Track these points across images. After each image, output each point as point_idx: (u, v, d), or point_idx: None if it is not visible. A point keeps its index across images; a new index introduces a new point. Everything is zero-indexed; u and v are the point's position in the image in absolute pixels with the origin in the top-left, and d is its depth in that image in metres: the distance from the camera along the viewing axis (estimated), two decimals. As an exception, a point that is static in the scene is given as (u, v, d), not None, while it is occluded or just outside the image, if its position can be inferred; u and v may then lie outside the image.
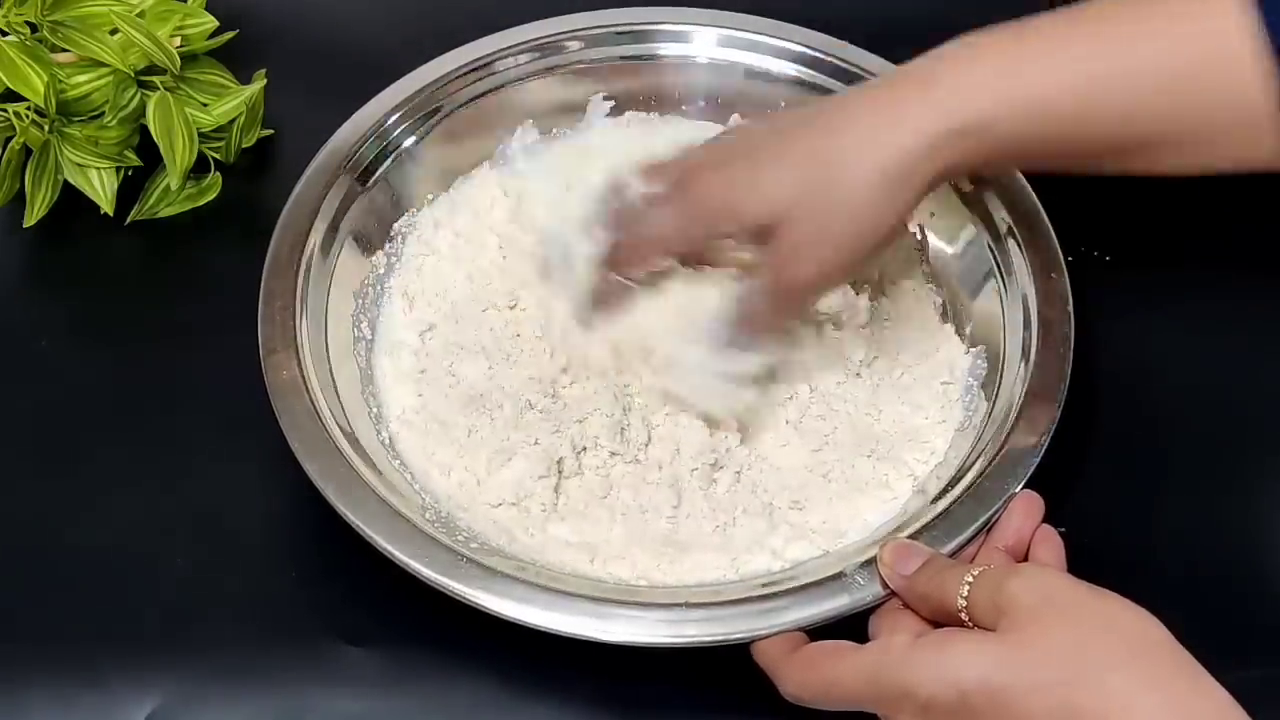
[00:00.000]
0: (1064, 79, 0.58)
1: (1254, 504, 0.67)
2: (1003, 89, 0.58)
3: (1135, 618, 0.51)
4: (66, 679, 0.61)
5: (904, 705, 0.52)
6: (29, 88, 0.71)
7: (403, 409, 0.67)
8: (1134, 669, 0.49)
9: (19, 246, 0.75)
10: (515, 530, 0.63)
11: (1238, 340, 0.72)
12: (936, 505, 0.61)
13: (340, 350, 0.67)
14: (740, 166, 0.61)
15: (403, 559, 0.58)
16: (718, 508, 0.64)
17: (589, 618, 0.57)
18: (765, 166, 0.60)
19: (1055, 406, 0.63)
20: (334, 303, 0.69)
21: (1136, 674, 0.49)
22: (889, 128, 0.58)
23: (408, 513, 0.60)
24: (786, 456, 0.66)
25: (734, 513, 0.64)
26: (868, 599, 0.58)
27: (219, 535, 0.65)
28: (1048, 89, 0.58)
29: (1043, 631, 0.51)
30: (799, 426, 0.67)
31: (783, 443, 0.67)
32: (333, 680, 0.61)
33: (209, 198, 0.77)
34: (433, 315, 0.71)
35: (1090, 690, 0.49)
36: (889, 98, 0.60)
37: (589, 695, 0.60)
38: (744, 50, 0.77)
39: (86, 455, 0.68)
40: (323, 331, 0.67)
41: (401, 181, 0.74)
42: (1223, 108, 0.56)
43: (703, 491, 0.64)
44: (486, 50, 0.77)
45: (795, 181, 0.59)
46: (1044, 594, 0.52)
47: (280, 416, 0.63)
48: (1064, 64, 0.58)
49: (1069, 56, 0.58)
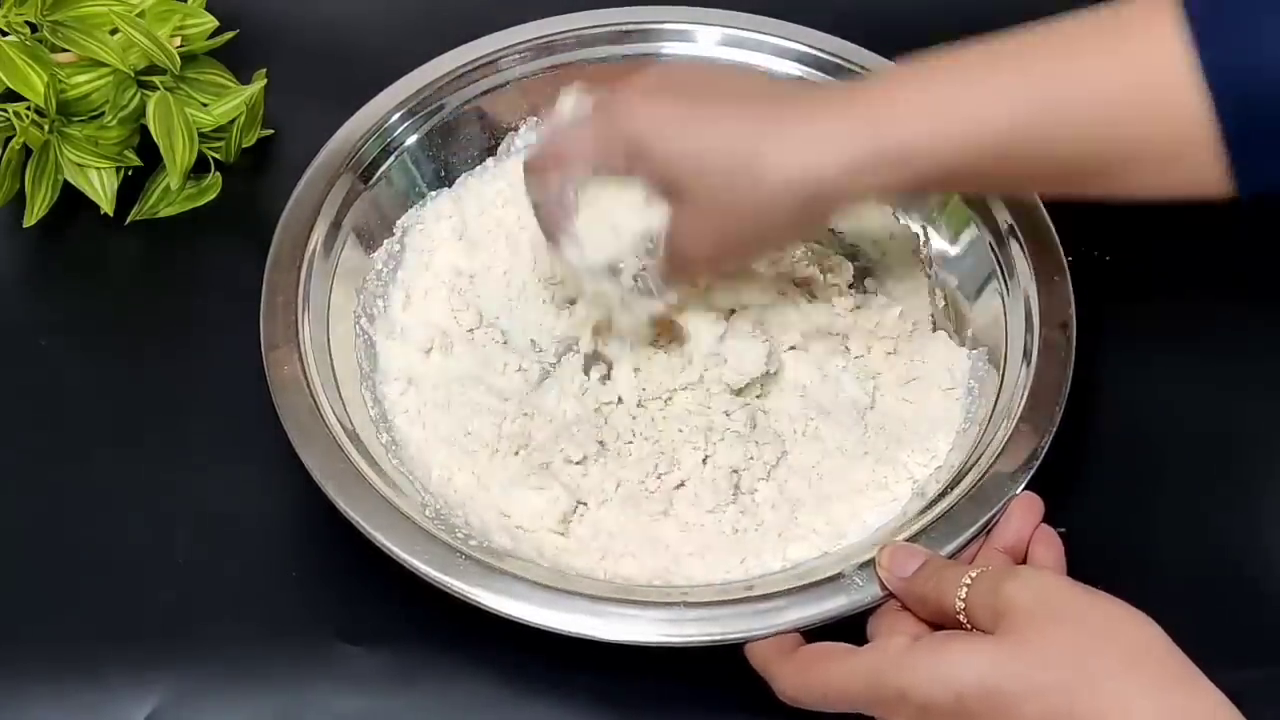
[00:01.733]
0: (995, 109, 0.56)
1: (1253, 504, 0.67)
2: (932, 117, 0.56)
3: (1133, 621, 0.51)
4: (66, 678, 0.61)
5: (900, 708, 0.52)
6: (29, 88, 0.71)
7: (405, 406, 0.67)
8: (1131, 673, 0.49)
9: (19, 246, 0.75)
10: (519, 535, 0.63)
11: (1238, 341, 0.72)
12: (936, 507, 0.61)
13: (342, 347, 0.67)
14: (671, 108, 0.60)
15: (401, 555, 0.58)
16: (719, 510, 0.64)
17: (587, 616, 0.57)
18: (691, 123, 0.59)
19: (1056, 409, 0.63)
20: (336, 299, 0.69)
21: (1133, 678, 0.49)
22: (815, 143, 0.57)
23: (407, 510, 0.60)
24: (787, 458, 0.66)
25: (733, 514, 0.64)
26: (866, 600, 0.58)
27: (219, 535, 0.65)
28: (977, 119, 0.56)
29: (1040, 634, 0.50)
30: (799, 429, 0.67)
31: (783, 445, 0.67)
32: (333, 680, 0.61)
33: (209, 198, 0.77)
34: (434, 313, 0.71)
35: (1087, 694, 0.49)
36: (824, 113, 0.58)
37: (589, 694, 0.60)
38: (746, 49, 0.77)
39: (86, 455, 0.68)
40: (325, 328, 0.67)
41: (404, 179, 0.74)
42: (1158, 139, 0.55)
43: (704, 494, 0.64)
44: (490, 49, 0.77)
45: (713, 156, 0.58)
46: (1041, 597, 0.52)
47: (281, 412, 0.63)
48: (995, 93, 0.56)
49: (1000, 85, 0.56)
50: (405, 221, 0.73)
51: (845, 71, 0.76)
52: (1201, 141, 0.54)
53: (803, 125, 0.58)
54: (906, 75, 0.59)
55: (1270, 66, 0.52)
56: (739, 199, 0.58)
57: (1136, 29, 0.54)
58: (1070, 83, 0.55)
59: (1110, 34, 0.55)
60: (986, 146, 0.56)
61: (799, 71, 0.76)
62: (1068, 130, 0.55)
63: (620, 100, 0.61)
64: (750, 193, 0.58)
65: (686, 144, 0.59)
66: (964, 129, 0.56)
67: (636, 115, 0.60)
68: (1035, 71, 0.56)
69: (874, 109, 0.57)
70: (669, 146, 0.59)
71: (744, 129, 0.58)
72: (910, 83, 0.58)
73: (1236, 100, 0.52)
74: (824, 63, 0.76)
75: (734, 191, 0.58)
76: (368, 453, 0.63)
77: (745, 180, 0.58)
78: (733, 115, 0.59)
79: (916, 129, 0.56)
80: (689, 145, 0.59)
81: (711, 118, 0.59)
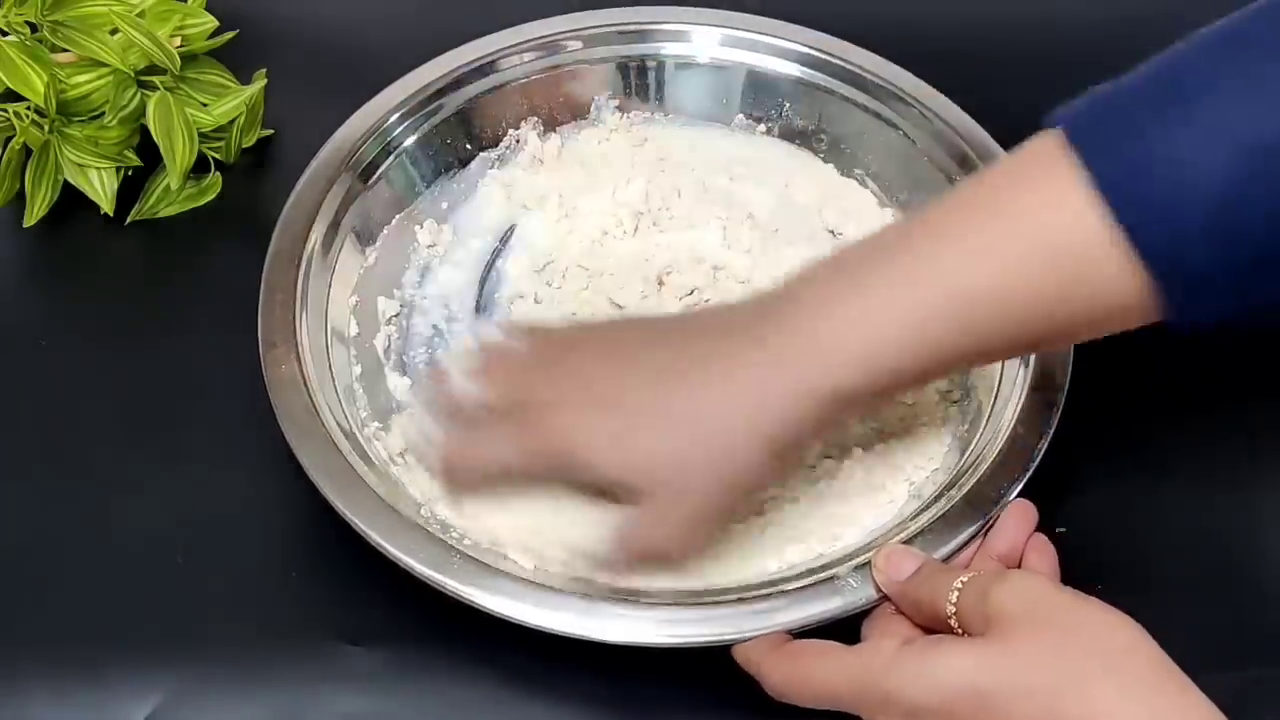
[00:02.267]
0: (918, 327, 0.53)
1: (1253, 505, 0.67)
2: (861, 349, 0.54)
3: (1122, 626, 0.51)
4: (66, 678, 0.61)
5: (888, 710, 0.52)
6: (29, 88, 0.71)
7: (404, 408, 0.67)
8: (1119, 679, 0.49)
9: (19, 246, 0.75)
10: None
11: (1239, 341, 0.72)
12: (932, 509, 0.61)
13: (340, 346, 0.67)
14: (600, 417, 0.57)
15: (395, 554, 0.58)
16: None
17: (579, 615, 0.57)
18: (626, 435, 0.56)
19: (1054, 412, 0.63)
20: (334, 299, 0.69)
21: (1121, 684, 0.49)
22: (776, 390, 0.54)
23: (403, 509, 0.60)
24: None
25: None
26: (860, 602, 0.58)
27: (219, 535, 0.65)
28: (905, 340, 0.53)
29: (1028, 639, 0.50)
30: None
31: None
32: (333, 680, 0.61)
33: (209, 198, 0.77)
34: (433, 314, 0.71)
35: (1074, 698, 0.48)
36: (770, 357, 0.55)
37: (588, 694, 0.60)
38: (746, 50, 0.77)
39: (86, 455, 0.68)
40: (323, 327, 0.67)
41: (403, 180, 0.74)
42: (1089, 299, 0.52)
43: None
44: (490, 49, 0.77)
45: (670, 449, 0.55)
46: (1029, 601, 0.51)
47: (277, 410, 0.63)
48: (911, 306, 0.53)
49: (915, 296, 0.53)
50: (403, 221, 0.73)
51: (846, 72, 0.76)
52: (1134, 296, 0.52)
53: (760, 368, 0.55)
54: (815, 301, 0.55)
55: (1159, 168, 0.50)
56: (711, 473, 0.56)
57: (1038, 197, 0.52)
58: (985, 280, 0.53)
59: (1012, 208, 0.53)
60: (923, 358, 0.54)
61: (798, 73, 0.76)
62: (996, 332, 0.53)
63: (541, 414, 0.57)
64: (723, 462, 0.55)
65: (626, 456, 0.56)
66: (897, 352, 0.54)
67: (566, 429, 0.57)
68: (945, 263, 0.53)
69: (799, 356, 0.55)
70: (609, 459, 0.56)
71: (696, 394, 0.56)
72: (824, 313, 0.55)
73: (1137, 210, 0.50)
74: (824, 63, 0.76)
75: (706, 467, 0.56)
76: (364, 451, 0.63)
77: (716, 447, 0.55)
78: (674, 390, 0.56)
79: (848, 370, 0.54)
80: (630, 457, 0.56)
81: (654, 406, 0.56)
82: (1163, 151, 0.50)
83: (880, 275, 0.54)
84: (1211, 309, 0.52)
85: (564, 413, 0.57)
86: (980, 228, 0.53)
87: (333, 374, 0.66)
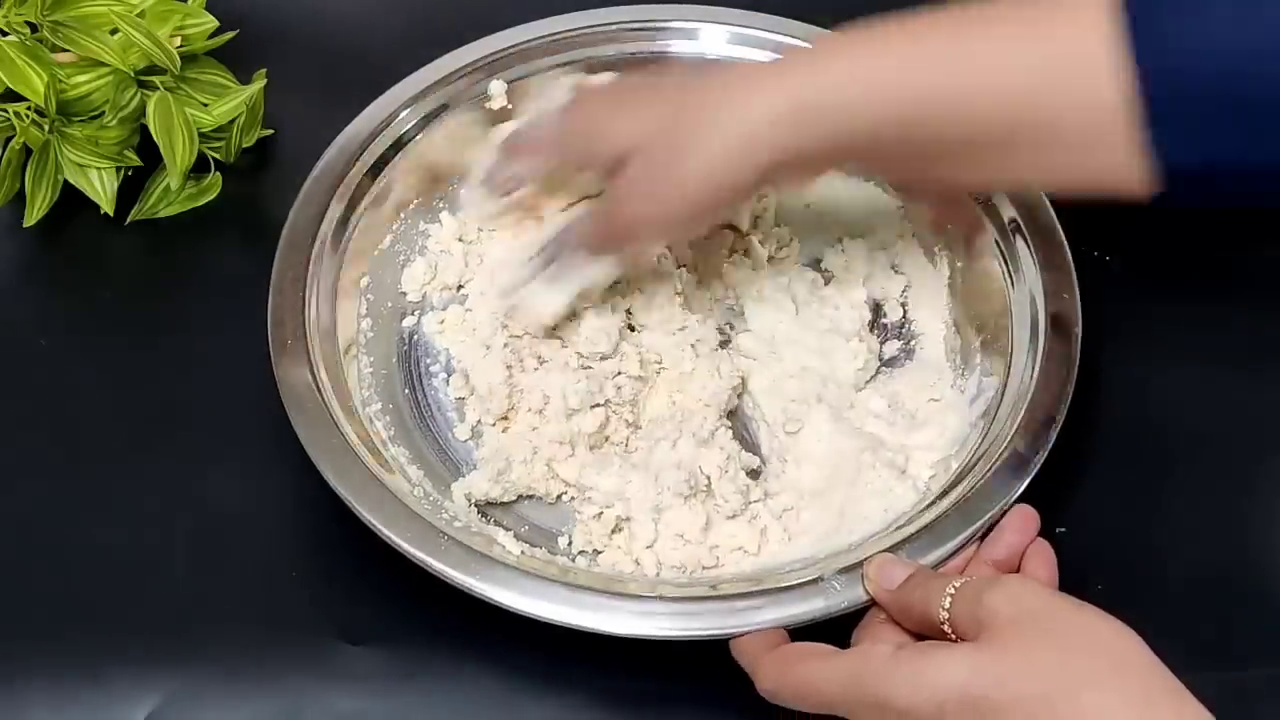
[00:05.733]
0: (912, 74, 0.57)
1: (1254, 506, 0.67)
2: (850, 80, 0.58)
3: (1115, 633, 0.51)
4: (66, 678, 0.61)
5: (881, 714, 0.52)
6: (29, 88, 0.71)
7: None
8: (1112, 685, 0.49)
9: (19, 246, 0.75)
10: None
11: (1240, 342, 0.72)
12: (931, 511, 0.61)
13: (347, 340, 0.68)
14: (615, 101, 0.65)
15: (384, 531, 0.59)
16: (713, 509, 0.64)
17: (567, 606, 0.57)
18: (631, 105, 0.64)
19: (1057, 417, 0.63)
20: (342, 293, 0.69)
21: (1114, 690, 0.49)
22: (744, 95, 0.59)
23: (403, 496, 0.60)
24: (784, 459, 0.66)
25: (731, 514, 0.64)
26: (843, 604, 0.58)
27: (219, 535, 0.65)
28: (895, 83, 0.57)
29: (1022, 644, 0.50)
30: (797, 430, 0.67)
31: (781, 446, 0.67)
32: (333, 679, 0.61)
33: (209, 198, 0.77)
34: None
35: (1067, 705, 0.48)
36: (757, 72, 0.63)
37: (589, 692, 0.61)
38: (753, 48, 0.77)
39: (86, 455, 0.68)
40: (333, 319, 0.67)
41: (411, 175, 0.74)
42: (1072, 119, 0.54)
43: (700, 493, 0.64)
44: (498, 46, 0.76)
45: (651, 119, 0.62)
46: (1023, 606, 0.51)
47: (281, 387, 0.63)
48: (915, 60, 0.57)
49: (921, 53, 0.57)
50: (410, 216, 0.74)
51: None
52: (1116, 127, 0.53)
53: (743, 80, 0.60)
54: (838, 45, 0.60)
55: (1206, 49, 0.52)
56: (677, 146, 0.60)
57: (1065, 11, 0.55)
58: (989, 54, 0.56)
59: (1039, 13, 0.56)
60: (905, 110, 0.57)
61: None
62: (982, 99, 0.56)
63: (580, 103, 0.66)
64: (688, 138, 0.60)
65: (630, 113, 0.63)
66: (883, 94, 0.57)
67: (588, 112, 0.65)
68: (958, 43, 0.57)
69: (799, 72, 0.59)
70: (614, 124, 0.63)
71: (687, 93, 0.62)
72: (837, 51, 0.59)
73: (1168, 74, 0.52)
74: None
75: (674, 139, 0.60)
76: (369, 440, 0.63)
77: (684, 126, 0.60)
78: (676, 87, 0.64)
79: (834, 88, 0.58)
80: (633, 113, 0.63)
81: (653, 96, 0.64)
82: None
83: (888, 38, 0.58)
84: (1199, 148, 0.53)
85: (593, 100, 0.66)
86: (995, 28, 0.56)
87: (340, 367, 0.66)
